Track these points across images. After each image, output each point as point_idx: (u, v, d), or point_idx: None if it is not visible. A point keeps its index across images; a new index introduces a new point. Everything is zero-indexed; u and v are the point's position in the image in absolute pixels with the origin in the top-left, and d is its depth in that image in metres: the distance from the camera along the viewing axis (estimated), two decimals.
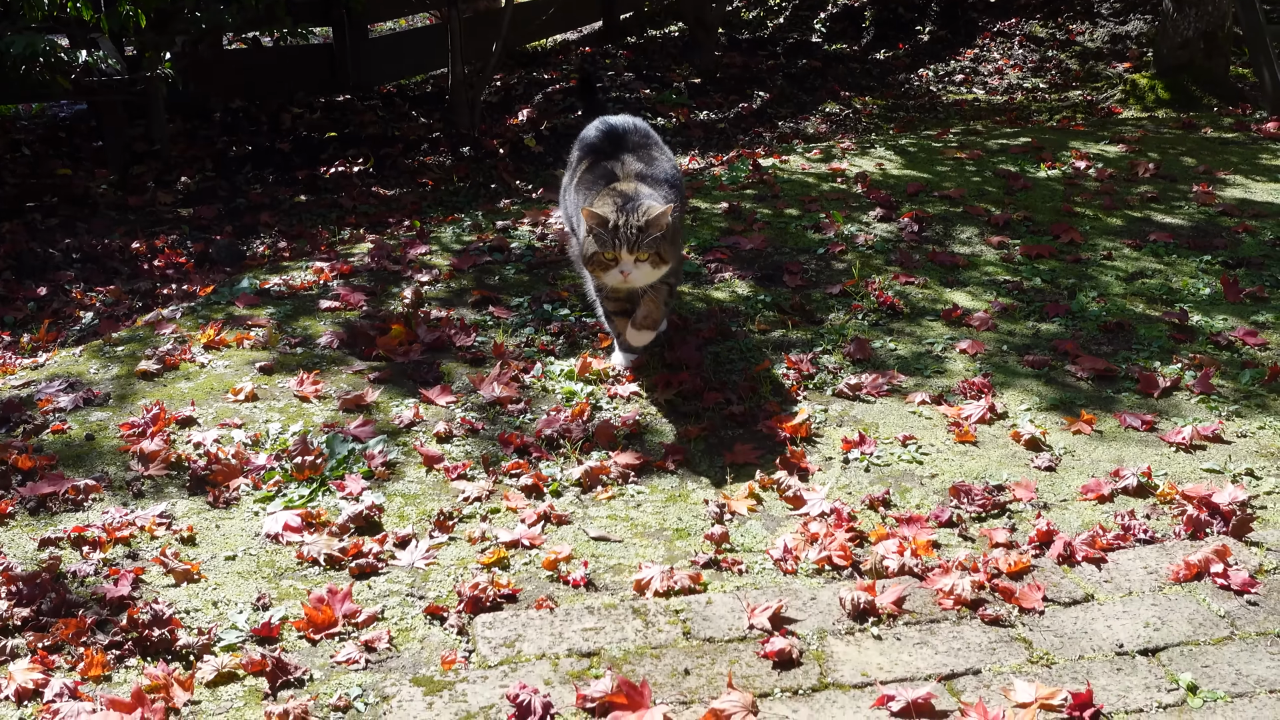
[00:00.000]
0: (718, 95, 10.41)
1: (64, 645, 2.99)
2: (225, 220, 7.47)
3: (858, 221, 6.05)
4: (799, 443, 3.99)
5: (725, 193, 6.60)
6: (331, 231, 7.03)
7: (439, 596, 3.22)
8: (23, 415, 4.17)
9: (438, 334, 4.71)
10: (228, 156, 8.68)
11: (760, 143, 8.93)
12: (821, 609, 3.16)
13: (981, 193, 6.53)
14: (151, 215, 7.54)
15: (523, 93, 10.40)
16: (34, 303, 6.15)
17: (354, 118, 9.56)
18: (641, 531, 3.53)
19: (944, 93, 10.58)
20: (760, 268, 5.47)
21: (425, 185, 8.09)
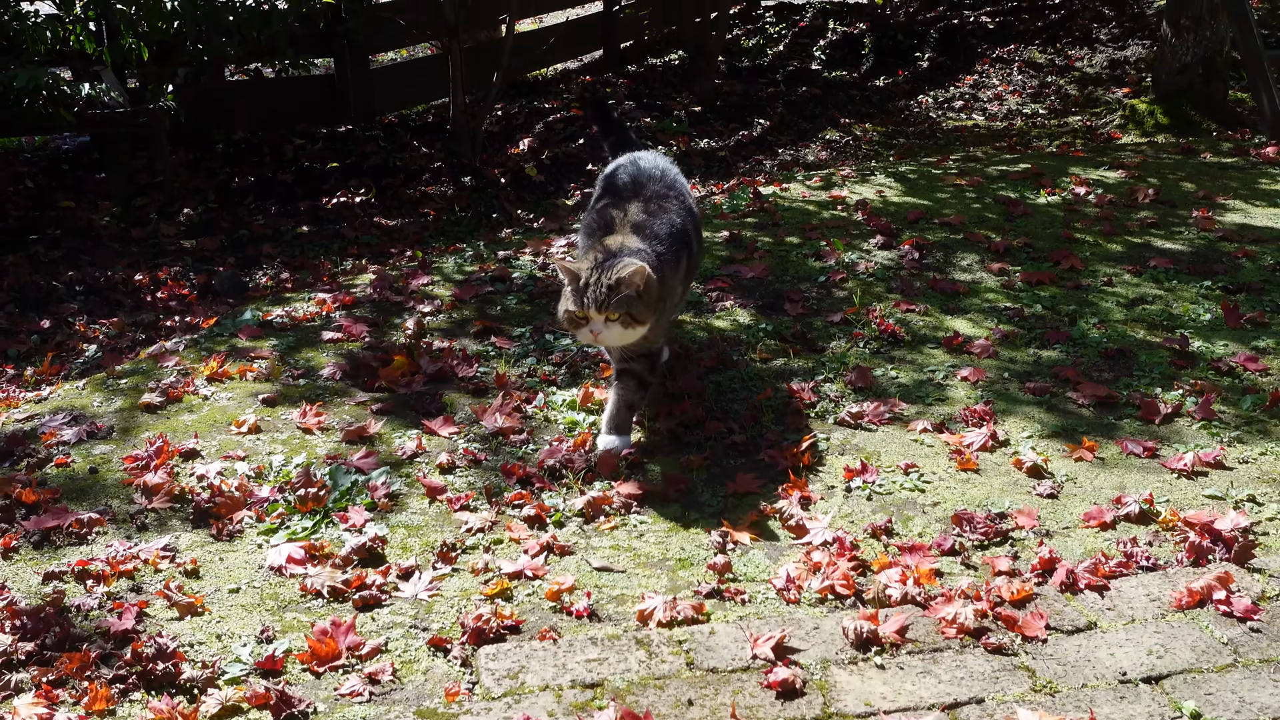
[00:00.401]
0: (718, 123, 10.45)
1: (68, 679, 2.99)
2: (228, 251, 7.50)
3: (858, 249, 6.06)
4: (801, 471, 3.99)
5: (726, 221, 6.62)
6: (334, 262, 7.05)
7: (442, 628, 3.22)
8: (26, 449, 4.18)
9: (440, 365, 4.72)
10: (230, 188, 8.71)
11: (761, 170, 8.96)
12: (824, 638, 3.16)
13: (982, 219, 6.55)
14: (154, 247, 7.56)
15: (524, 122, 10.43)
16: (37, 335, 6.16)
17: (356, 148, 9.59)
18: (644, 561, 3.54)
19: (944, 119, 10.61)
20: (761, 296, 5.49)
21: (427, 215, 8.12)
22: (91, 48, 7.65)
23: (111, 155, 8.39)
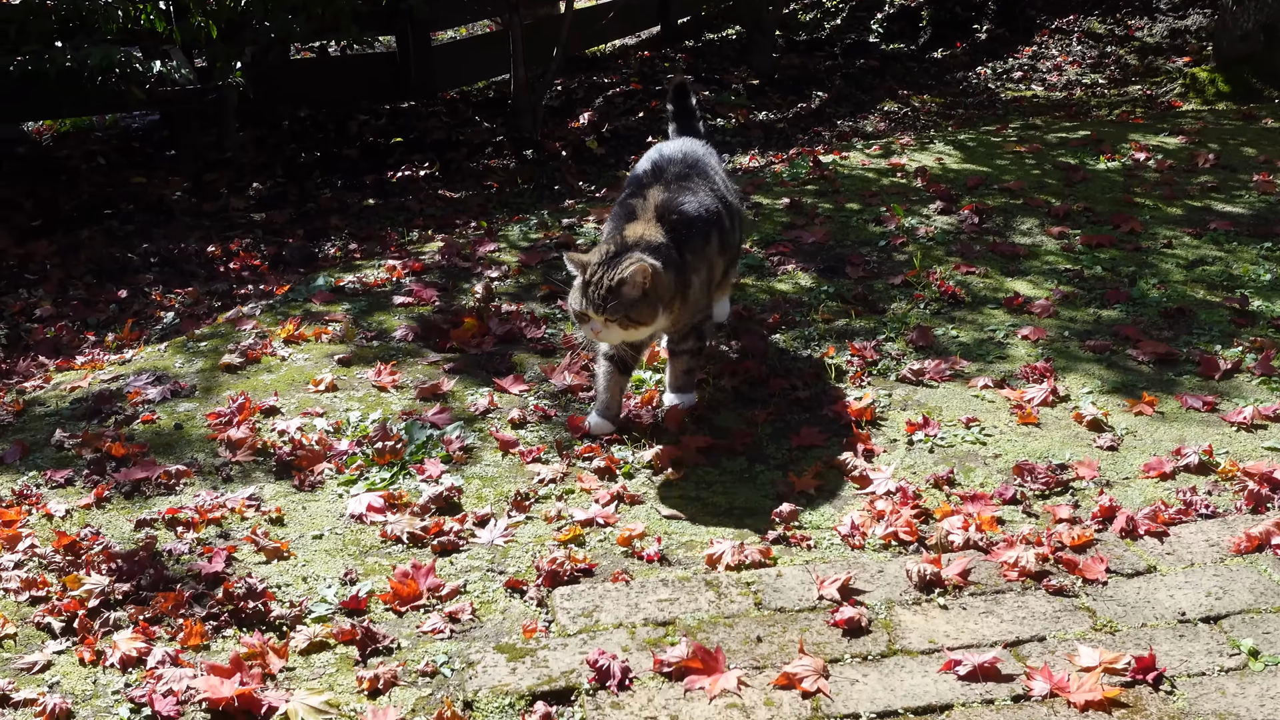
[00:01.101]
0: (776, 96, 10.50)
1: (163, 617, 3.13)
2: (296, 224, 7.65)
3: (918, 214, 6.13)
4: (864, 426, 4.08)
5: (786, 189, 6.70)
6: (400, 233, 7.18)
7: (518, 571, 3.33)
8: (113, 407, 4.33)
9: (509, 327, 4.84)
10: (297, 163, 8.86)
11: (819, 141, 9.02)
12: (889, 581, 3.25)
13: (1041, 185, 6.60)
14: (225, 220, 7.72)
15: (583, 96, 10.54)
16: (116, 305, 6.33)
17: (419, 123, 9.73)
18: (712, 510, 3.64)
19: (1002, 90, 10.62)
20: (822, 260, 5.57)
21: (490, 188, 8.24)
22: (161, 26, 7.81)
23: (181, 132, 8.57)
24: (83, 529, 3.55)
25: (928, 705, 2.79)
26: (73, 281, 6.70)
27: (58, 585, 3.27)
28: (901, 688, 2.84)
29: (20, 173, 8.64)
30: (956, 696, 2.81)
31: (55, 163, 8.88)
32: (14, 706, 2.83)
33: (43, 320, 6.13)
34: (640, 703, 2.81)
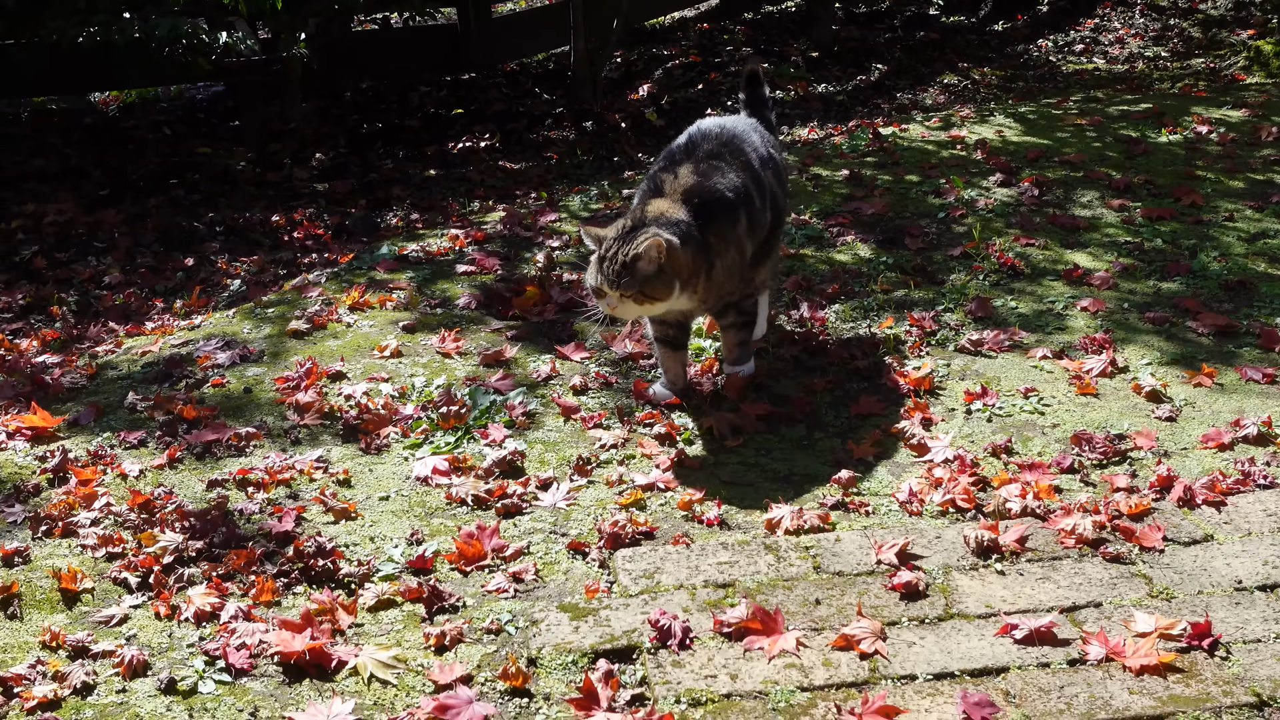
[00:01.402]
0: (835, 68, 10.48)
1: (236, 574, 3.22)
2: (359, 194, 7.73)
3: (978, 186, 6.13)
4: (922, 395, 4.11)
5: (846, 160, 6.71)
6: (462, 203, 7.25)
7: (580, 534, 3.40)
8: (184, 371, 4.43)
9: (570, 295, 4.89)
10: (359, 134, 8.95)
11: (879, 114, 9.01)
12: (946, 546, 3.29)
13: (1102, 158, 6.57)
14: (289, 190, 7.82)
15: (643, 69, 10.56)
16: (182, 272, 6.44)
17: (479, 95, 9.79)
18: (771, 476, 3.69)
19: (1063, 63, 10.55)
20: (881, 231, 5.59)
21: (550, 159, 8.29)
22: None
23: (246, 103, 8.67)
24: (156, 488, 3.65)
25: (984, 668, 2.83)
26: (140, 249, 6.82)
27: (133, 542, 3.37)
28: (958, 650, 2.88)
29: (88, 143, 8.78)
30: (1013, 660, 2.85)
31: (122, 133, 9.01)
32: (93, 658, 2.93)
33: (112, 287, 6.25)
34: (700, 661, 2.87)
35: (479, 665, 2.88)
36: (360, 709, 2.74)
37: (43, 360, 4.78)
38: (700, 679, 2.82)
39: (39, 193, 7.77)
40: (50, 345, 5.23)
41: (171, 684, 2.82)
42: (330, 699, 2.77)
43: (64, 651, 2.95)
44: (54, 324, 5.69)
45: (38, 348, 5.18)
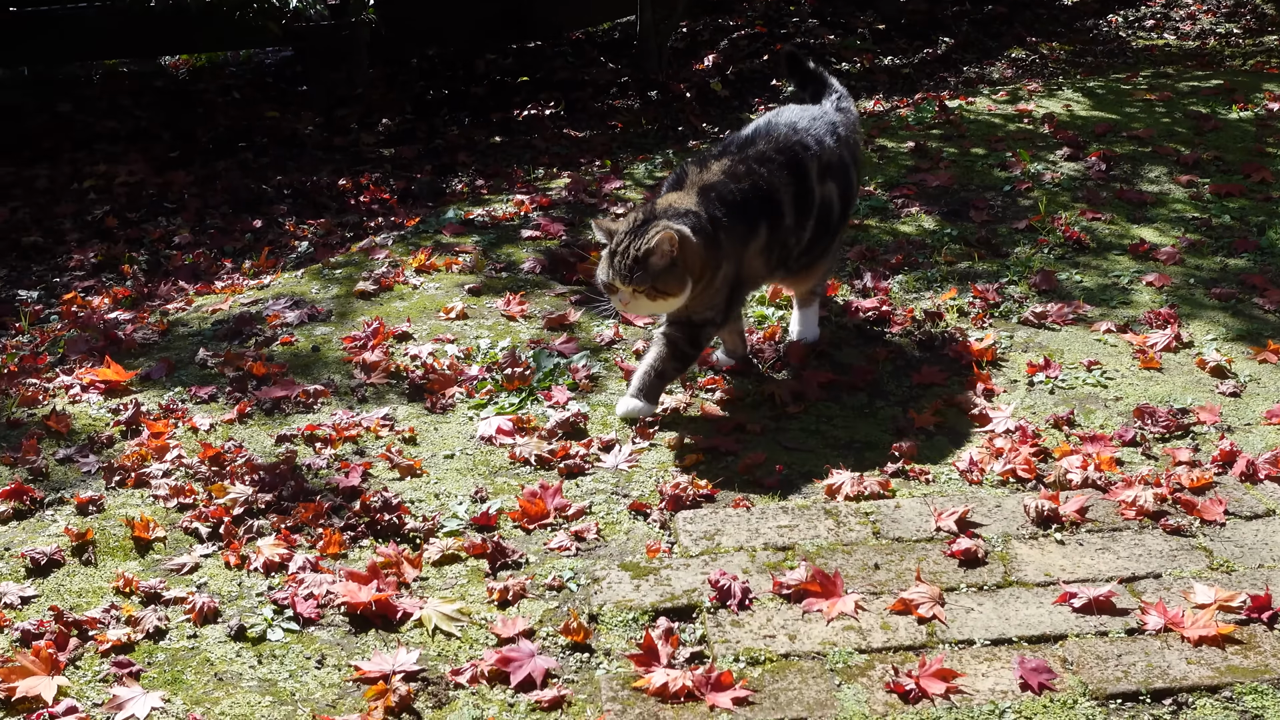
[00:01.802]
0: (901, 41, 10.43)
1: (303, 526, 3.28)
2: (424, 160, 7.79)
3: (1044, 160, 6.10)
4: (984, 366, 4.11)
5: (911, 132, 6.70)
6: (526, 170, 7.29)
7: (642, 495, 3.44)
8: (253, 329, 4.50)
9: None
10: (425, 100, 9.01)
11: (945, 87, 8.96)
12: (1006, 515, 3.30)
13: (1171, 133, 6.52)
14: (355, 155, 7.89)
15: (708, 39, 10.54)
16: (251, 234, 6.52)
17: (544, 63, 9.82)
18: (832, 443, 3.71)
19: (1133, 38, 10.45)
20: (946, 203, 5.58)
21: (614, 128, 8.31)
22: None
23: (313, 68, 8.75)
24: (226, 442, 3.72)
25: (1042, 635, 2.84)
26: (209, 211, 6.91)
27: (204, 494, 3.44)
28: (1016, 617, 2.90)
29: (158, 105, 8.88)
30: (1071, 628, 2.86)
31: (192, 96, 9.11)
32: (165, 604, 3.00)
33: (181, 247, 6.34)
34: (759, 621, 2.90)
35: (541, 620, 2.92)
36: (425, 659, 2.79)
37: (115, 317, 4.86)
38: (759, 639, 2.85)
39: (110, 154, 7.88)
40: (122, 303, 5.31)
41: (241, 631, 2.89)
42: (395, 649, 2.82)
43: (137, 597, 3.03)
44: (125, 282, 5.78)
45: (109, 305, 5.27)
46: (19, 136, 8.11)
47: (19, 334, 5.19)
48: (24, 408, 3.97)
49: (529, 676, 2.74)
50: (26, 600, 3.02)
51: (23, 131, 8.20)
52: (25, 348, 4.80)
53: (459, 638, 2.88)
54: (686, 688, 2.67)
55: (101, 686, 2.73)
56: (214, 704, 2.67)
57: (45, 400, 4.03)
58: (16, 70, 9.31)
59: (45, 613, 2.95)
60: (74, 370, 4.24)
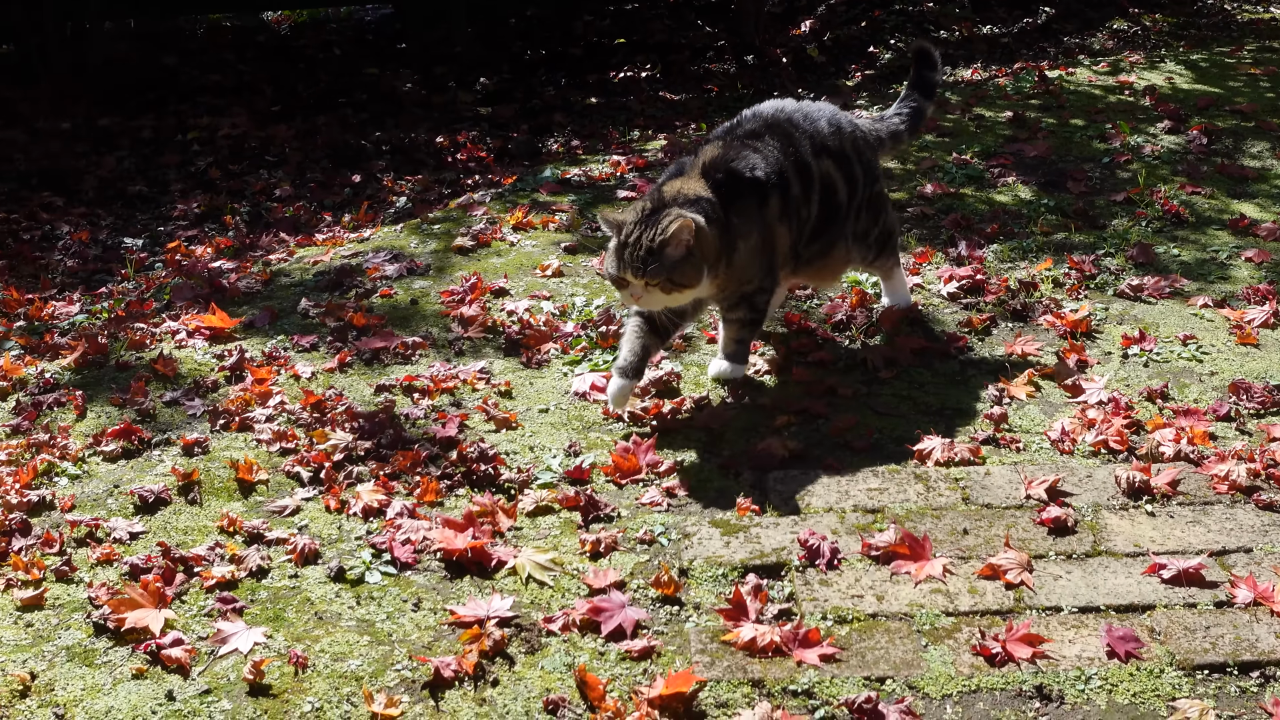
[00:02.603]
0: (1001, 10, 10.32)
1: (401, 474, 3.36)
2: (521, 119, 7.85)
3: (1144, 133, 6.04)
4: (1079, 337, 4.11)
5: (1009, 102, 6.66)
6: (621, 132, 7.32)
7: (732, 454, 3.48)
8: (354, 281, 4.59)
9: None
10: (522, 60, 9.07)
11: (1044, 57, 8.87)
12: (1097, 486, 3.31)
13: (1275, 108, 6.43)
14: (452, 113, 7.97)
15: (806, 4, 10.49)
16: (350, 188, 6.63)
17: (642, 26, 9.83)
18: (923, 409, 3.72)
19: (1239, 11, 10.27)
20: (1043, 174, 5.55)
21: (710, 91, 8.33)
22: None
23: (413, 26, 8.85)
24: (327, 390, 3.80)
25: (1130, 604, 2.86)
26: (310, 164, 7.03)
27: (305, 439, 3.53)
28: (1104, 586, 2.92)
29: (261, 60, 9.02)
30: (1159, 598, 2.87)
31: (294, 51, 9.24)
32: (267, 544, 3.09)
33: (282, 200, 6.46)
34: (848, 581, 2.94)
35: (632, 573, 2.98)
36: (518, 606, 2.86)
37: (219, 265, 4.97)
38: (847, 598, 2.89)
39: (214, 106, 8.02)
40: (224, 252, 5.43)
41: (340, 572, 2.97)
42: (489, 595, 2.89)
43: (240, 537, 3.12)
44: (227, 232, 5.90)
45: (213, 254, 5.39)
46: (126, 88, 8.27)
47: (125, 280, 5.32)
48: (132, 351, 4.08)
49: (619, 626, 2.80)
50: (135, 536, 3.13)
51: (129, 83, 8.36)
52: (131, 294, 4.92)
53: (551, 587, 2.94)
54: (774, 643, 2.72)
55: (206, 620, 2.82)
56: (314, 641, 2.75)
57: (152, 344, 4.14)
58: (123, 23, 9.48)
59: (153, 548, 3.05)
60: (180, 316, 4.35)
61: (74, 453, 3.48)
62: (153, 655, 2.70)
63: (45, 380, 3.93)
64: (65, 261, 5.79)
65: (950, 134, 6.17)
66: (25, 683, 2.63)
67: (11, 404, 3.82)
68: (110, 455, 3.50)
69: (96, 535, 3.12)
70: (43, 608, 2.87)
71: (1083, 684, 2.64)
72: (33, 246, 6.04)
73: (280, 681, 2.64)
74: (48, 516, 3.21)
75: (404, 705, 2.58)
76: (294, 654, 2.69)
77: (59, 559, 3.01)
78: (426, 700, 2.60)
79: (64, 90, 8.08)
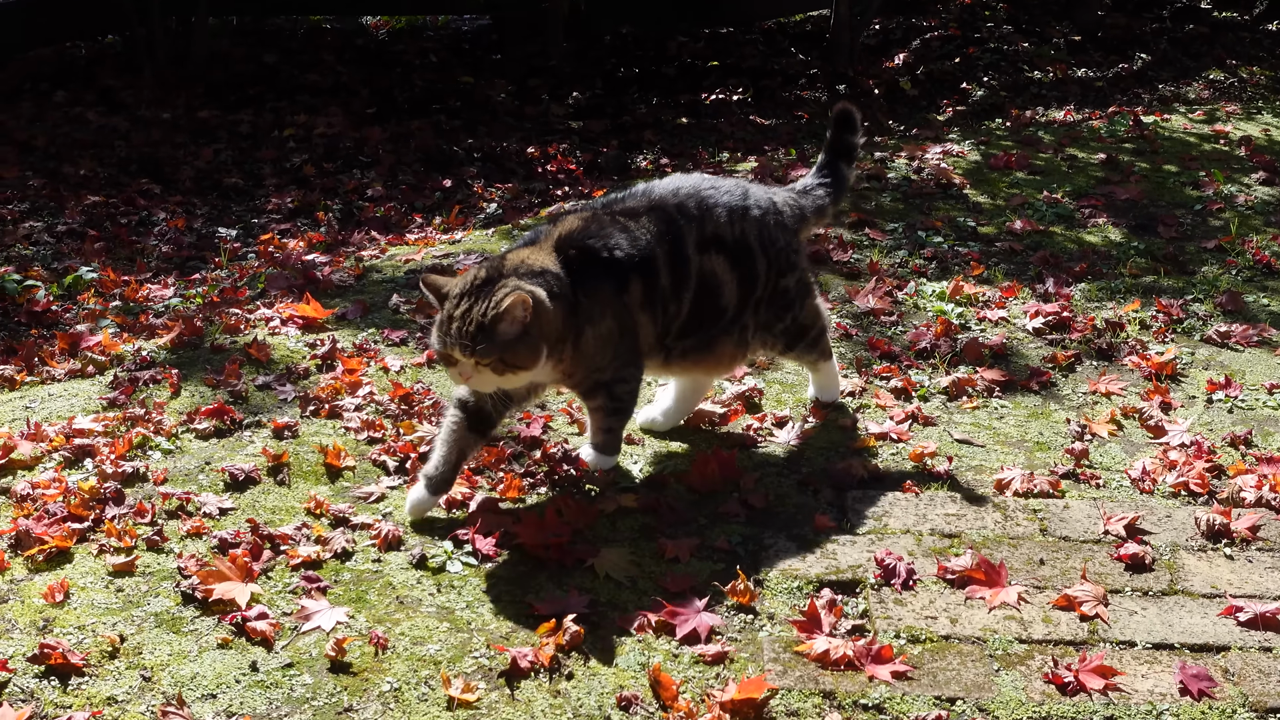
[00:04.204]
0: (1097, 54, 10.30)
1: (485, 469, 3.41)
2: (611, 135, 7.93)
3: (1238, 182, 6.02)
4: (1163, 379, 4.10)
5: (1103, 144, 6.65)
6: (710, 153, 7.39)
7: (811, 472, 3.50)
8: None
9: (816, 247, 4.98)
10: (615, 77, 9.16)
11: (1138, 103, 8.84)
12: (1175, 526, 3.30)
13: None
14: (544, 125, 8.07)
15: (900, 38, 10.53)
16: (440, 192, 6.73)
17: (734, 50, 9.90)
18: (1003, 440, 3.73)
19: None
20: (1134, 217, 5.55)
21: (800, 118, 8.37)
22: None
23: (510, 37, 8.96)
24: (415, 383, 3.87)
25: (1204, 644, 2.85)
26: (402, 167, 7.14)
27: (392, 430, 3.59)
28: (1179, 625, 2.91)
29: (358, 62, 9.16)
30: (1234, 640, 2.87)
31: (391, 56, 9.37)
32: (352, 528, 3.15)
33: (374, 200, 6.56)
34: (922, 602, 2.96)
35: (708, 580, 3.01)
36: (594, 604, 2.90)
37: (312, 259, 5.06)
38: (920, 618, 2.91)
39: (311, 105, 8.17)
40: (316, 247, 5.53)
41: (422, 560, 3.02)
42: (567, 592, 2.93)
43: (326, 519, 3.18)
44: (319, 228, 6.01)
45: (304, 248, 5.49)
46: (226, 83, 8.43)
47: (218, 268, 5.44)
48: (226, 335, 4.17)
49: (694, 630, 2.83)
50: (224, 512, 3.20)
51: (230, 78, 8.52)
52: (225, 281, 5.03)
53: (628, 587, 2.98)
54: (847, 656, 2.74)
55: (291, 597, 2.88)
56: (395, 624, 2.81)
57: (246, 330, 4.23)
58: (226, 19, 9.67)
59: (242, 524, 3.12)
60: (274, 304, 4.44)
61: (168, 429, 3.56)
62: (238, 627, 2.77)
63: (142, 358, 4.02)
64: (160, 247, 5.92)
65: (1041, 172, 6.17)
66: (114, 644, 2.70)
67: (109, 378, 3.92)
68: (203, 433, 3.58)
69: (187, 509, 3.19)
70: (133, 574, 2.95)
71: (1154, 719, 2.64)
72: (130, 231, 6.18)
73: (360, 660, 2.69)
74: (140, 488, 3.29)
75: (480, 691, 2.62)
76: (375, 635, 2.75)
77: (150, 529, 3.08)
78: (502, 689, 2.65)
79: (166, 81, 8.26)
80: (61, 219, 6.29)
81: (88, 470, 3.36)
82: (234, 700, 2.58)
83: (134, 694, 2.59)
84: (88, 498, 3.18)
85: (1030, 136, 6.91)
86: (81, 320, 4.68)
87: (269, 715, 2.55)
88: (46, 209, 6.44)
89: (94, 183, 6.85)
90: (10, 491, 3.25)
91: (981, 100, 8.79)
